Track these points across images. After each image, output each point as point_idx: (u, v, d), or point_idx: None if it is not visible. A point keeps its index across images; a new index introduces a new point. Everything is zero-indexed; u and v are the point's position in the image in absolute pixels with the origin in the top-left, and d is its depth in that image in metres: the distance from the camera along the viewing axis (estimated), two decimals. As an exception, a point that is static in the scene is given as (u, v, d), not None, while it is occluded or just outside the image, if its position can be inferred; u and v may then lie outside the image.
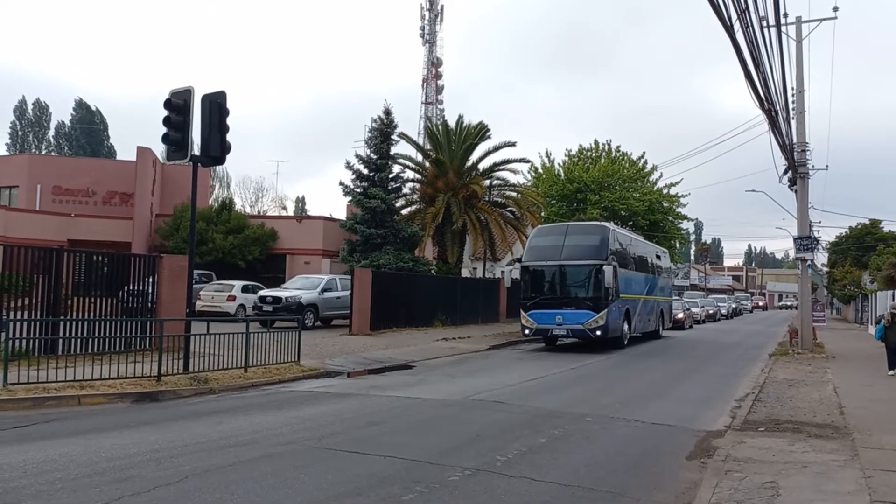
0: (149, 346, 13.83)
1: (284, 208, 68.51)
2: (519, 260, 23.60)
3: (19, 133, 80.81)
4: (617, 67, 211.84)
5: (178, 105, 12.23)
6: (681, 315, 35.50)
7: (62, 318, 13.75)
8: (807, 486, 6.59)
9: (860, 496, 6.28)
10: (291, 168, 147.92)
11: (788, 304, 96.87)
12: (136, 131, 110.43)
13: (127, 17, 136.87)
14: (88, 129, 77.69)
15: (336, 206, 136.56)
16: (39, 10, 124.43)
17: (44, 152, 75.85)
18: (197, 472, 6.63)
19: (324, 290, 25.67)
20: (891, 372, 16.24)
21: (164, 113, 12.20)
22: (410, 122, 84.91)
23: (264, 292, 25.72)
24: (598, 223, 26.24)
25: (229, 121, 12.68)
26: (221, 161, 12.83)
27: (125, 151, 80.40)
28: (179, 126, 12.21)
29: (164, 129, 12.21)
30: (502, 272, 41.22)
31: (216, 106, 12.48)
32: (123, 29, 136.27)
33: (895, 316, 16.56)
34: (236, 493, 6.00)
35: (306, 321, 22.82)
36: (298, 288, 25.78)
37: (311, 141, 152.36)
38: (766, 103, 14.88)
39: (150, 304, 15.72)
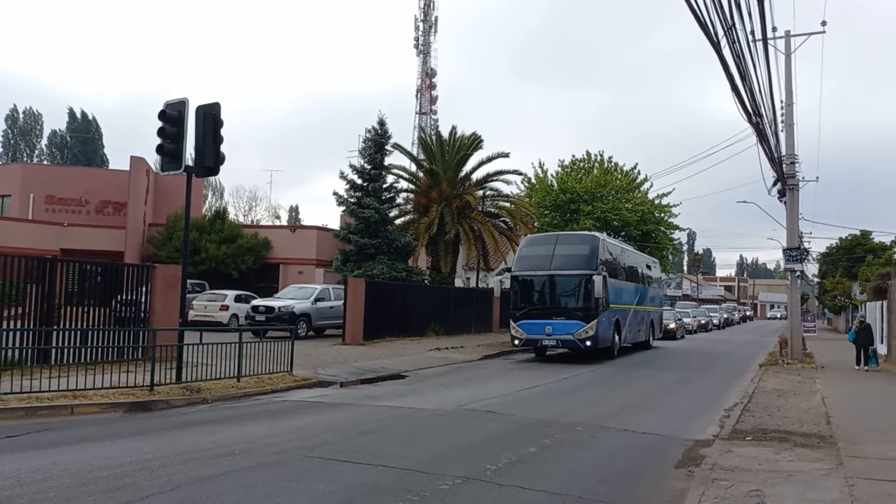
0: (142, 356, 13.85)
1: (278, 217, 68.69)
2: (509, 269, 23.52)
3: (11, 142, 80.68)
4: (608, 76, 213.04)
5: (172, 116, 12.33)
6: (672, 325, 35.67)
7: (55, 328, 13.76)
8: (791, 495, 6.70)
9: (843, 504, 6.40)
10: (284, 177, 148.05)
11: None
12: (117, 134, 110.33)
13: (119, 18, 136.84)
14: (83, 137, 77.62)
15: (329, 215, 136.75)
16: (26, 15, 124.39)
17: (35, 161, 75.69)
18: (190, 481, 6.69)
19: (317, 300, 25.68)
20: (857, 367, 20.12)
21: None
22: (404, 133, 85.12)
23: (257, 302, 25.69)
24: (588, 233, 26.28)
25: (223, 132, 12.82)
26: (216, 172, 12.93)
27: (112, 154, 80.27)
28: (174, 137, 12.31)
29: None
30: (493, 281, 41.37)
31: (210, 117, 12.59)
32: (113, 31, 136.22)
33: (863, 323, 21.57)
34: (228, 502, 6.08)
35: (299, 331, 22.84)
36: (292, 298, 25.76)
37: (303, 150, 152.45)
38: (753, 117, 15.07)
39: (143, 314, 15.76)
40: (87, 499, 6.01)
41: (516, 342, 22.06)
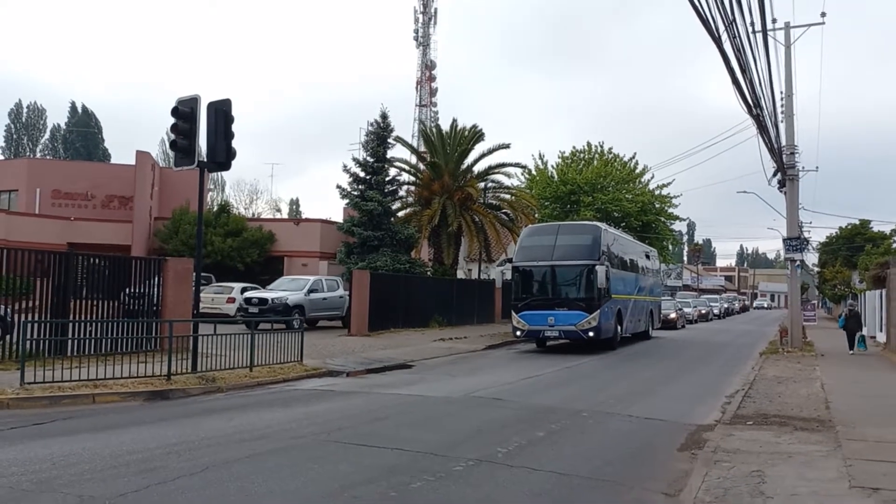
0: (155, 347, 14.14)
1: (279, 210, 68.87)
2: (510, 260, 23.19)
3: (14, 136, 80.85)
4: (608, 63, 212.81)
5: (185, 113, 12.61)
6: (673, 315, 35.90)
7: (78, 320, 14.10)
8: (791, 474, 7.00)
9: (840, 482, 6.70)
10: (282, 169, 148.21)
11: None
12: (115, 128, 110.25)
13: (118, 13, 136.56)
14: (84, 132, 77.76)
15: (330, 207, 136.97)
16: (29, 10, 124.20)
17: (38, 155, 75.86)
18: (216, 463, 7.01)
19: (310, 291, 25.46)
20: (850, 352, 21.40)
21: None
22: (404, 125, 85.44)
23: (250, 294, 25.27)
24: (590, 223, 26.28)
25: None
26: (227, 167, 13.20)
27: (112, 148, 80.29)
28: (187, 133, 12.58)
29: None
30: (495, 273, 41.62)
31: (221, 113, 12.87)
32: (112, 24, 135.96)
33: (851, 311, 23.13)
34: (256, 482, 6.40)
35: (294, 323, 22.30)
36: (284, 289, 25.52)
37: (301, 142, 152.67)
38: (754, 109, 15.31)
39: (155, 307, 16.07)
40: (122, 480, 6.32)
41: (518, 333, 21.80)
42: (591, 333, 20.64)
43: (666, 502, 6.42)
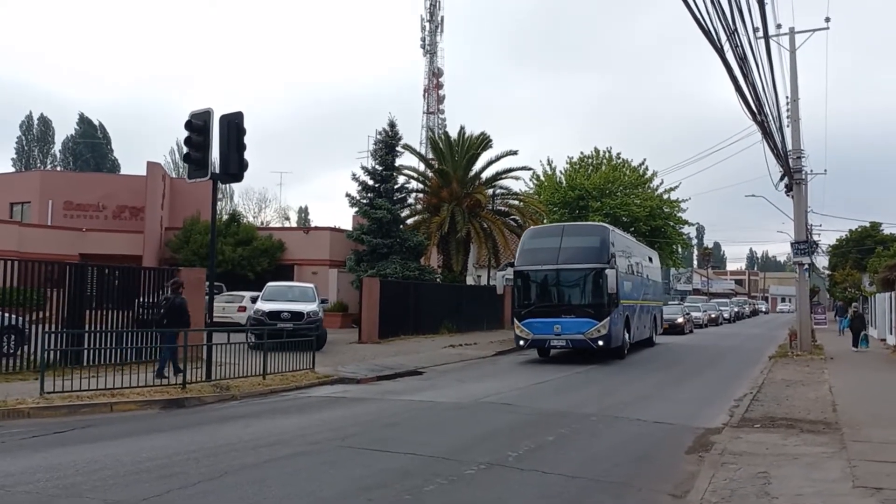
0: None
1: (287, 219, 69.22)
2: (512, 264, 21.73)
3: (25, 148, 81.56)
4: (614, 64, 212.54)
5: (198, 126, 12.87)
6: (680, 320, 35.67)
7: (94, 330, 14.34)
8: (796, 475, 7.14)
9: (844, 483, 6.83)
10: (291, 177, 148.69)
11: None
12: (120, 136, 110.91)
13: (120, 18, 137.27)
14: (91, 143, 78.36)
15: (338, 213, 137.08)
16: (31, 19, 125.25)
17: (48, 167, 76.51)
18: (234, 468, 7.21)
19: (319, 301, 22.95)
20: (853, 349, 23.89)
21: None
22: (411, 132, 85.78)
23: (276, 306, 22.01)
24: (596, 223, 25.63)
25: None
26: (240, 178, 13.45)
27: (120, 159, 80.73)
28: (200, 146, 12.84)
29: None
30: (495, 277, 41.62)
31: (234, 126, 13.12)
32: (114, 30, 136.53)
33: (856, 313, 26.97)
34: (274, 486, 6.60)
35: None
36: (291, 300, 22.45)
37: (308, 150, 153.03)
38: (758, 115, 15.41)
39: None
40: (144, 485, 6.52)
41: (521, 342, 20.36)
42: (600, 342, 19.40)
43: (673, 503, 6.57)
